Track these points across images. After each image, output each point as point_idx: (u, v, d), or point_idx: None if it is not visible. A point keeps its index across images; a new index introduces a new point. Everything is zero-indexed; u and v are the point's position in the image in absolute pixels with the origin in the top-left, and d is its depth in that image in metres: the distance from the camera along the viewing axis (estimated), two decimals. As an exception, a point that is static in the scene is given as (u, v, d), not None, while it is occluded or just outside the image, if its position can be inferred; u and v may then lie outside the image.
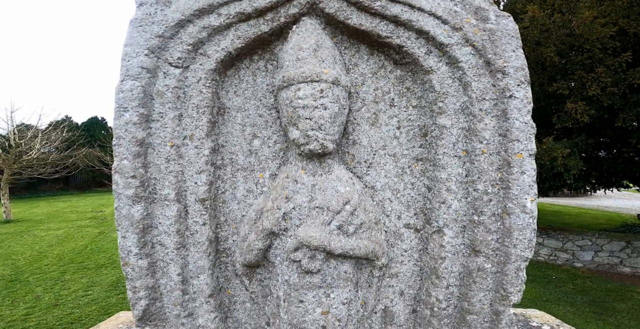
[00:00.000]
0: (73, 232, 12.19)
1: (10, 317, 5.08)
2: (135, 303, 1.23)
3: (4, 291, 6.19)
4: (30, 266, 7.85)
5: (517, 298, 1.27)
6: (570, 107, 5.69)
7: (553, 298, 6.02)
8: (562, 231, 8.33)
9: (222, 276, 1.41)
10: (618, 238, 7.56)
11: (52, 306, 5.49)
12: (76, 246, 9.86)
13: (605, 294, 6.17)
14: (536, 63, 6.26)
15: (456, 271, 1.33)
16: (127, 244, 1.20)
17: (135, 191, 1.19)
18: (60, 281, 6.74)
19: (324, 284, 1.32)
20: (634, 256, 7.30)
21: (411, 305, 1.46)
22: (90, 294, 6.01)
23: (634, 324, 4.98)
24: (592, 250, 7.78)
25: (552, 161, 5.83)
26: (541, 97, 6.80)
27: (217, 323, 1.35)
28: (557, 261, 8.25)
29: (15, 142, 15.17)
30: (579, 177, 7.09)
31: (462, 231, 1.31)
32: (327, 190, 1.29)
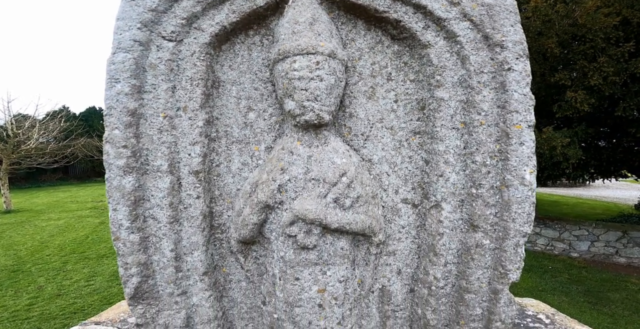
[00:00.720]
0: (74, 222, 12.27)
1: (14, 307, 5.15)
2: (126, 281, 1.21)
3: (7, 281, 6.27)
4: (32, 256, 7.92)
5: (515, 276, 1.26)
6: (571, 96, 5.69)
7: (549, 287, 6.11)
8: (560, 221, 8.40)
9: (217, 253, 1.39)
10: (615, 228, 7.63)
11: (54, 296, 5.56)
12: (77, 236, 9.93)
13: (600, 285, 6.27)
14: (538, 53, 6.20)
15: (454, 248, 1.32)
16: (118, 218, 1.18)
17: (127, 162, 1.17)
18: (62, 271, 6.82)
19: (320, 261, 1.30)
20: (630, 246, 7.39)
21: (409, 284, 1.45)
22: (92, 285, 6.09)
23: (627, 314, 5.08)
24: (589, 240, 7.86)
25: (551, 150, 5.86)
26: (542, 88, 6.78)
27: (212, 301, 1.33)
28: (554, 251, 8.34)
29: (13, 132, 15.12)
30: (577, 166, 7.13)
31: (460, 205, 1.29)
32: (323, 162, 1.28)
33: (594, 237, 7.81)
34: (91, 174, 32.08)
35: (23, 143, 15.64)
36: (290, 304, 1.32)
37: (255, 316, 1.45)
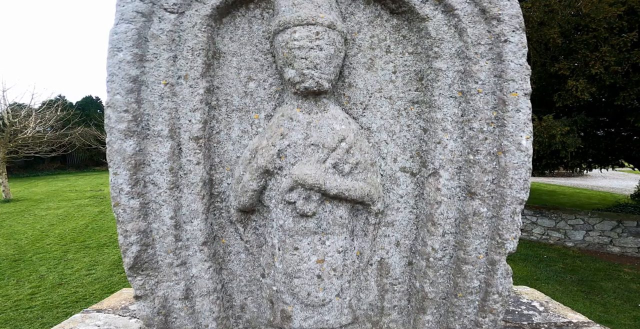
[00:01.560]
0: (73, 211, 12.32)
1: (16, 296, 5.22)
2: (126, 250, 1.20)
3: (9, 271, 6.33)
4: (33, 245, 7.98)
5: (512, 245, 1.28)
6: (572, 85, 5.71)
7: (543, 276, 6.22)
8: (556, 210, 8.48)
9: (217, 223, 1.40)
10: (610, 217, 7.72)
11: (56, 286, 5.63)
12: (77, 225, 9.99)
13: (594, 274, 6.38)
14: (539, 43, 6.15)
15: (452, 217, 1.33)
16: (119, 182, 1.18)
17: (128, 125, 1.18)
18: (64, 261, 6.88)
19: (319, 230, 1.32)
20: (624, 236, 7.49)
21: (407, 257, 1.47)
22: (93, 273, 6.16)
23: (619, 303, 5.19)
24: (584, 229, 7.96)
25: (550, 138, 5.94)
26: (543, 77, 6.78)
27: (211, 273, 1.34)
28: (549, 241, 8.46)
29: (10, 121, 15.01)
30: (576, 155, 7.18)
31: (457, 172, 1.31)
32: (322, 128, 1.30)
33: (589, 226, 7.91)
34: (89, 164, 32.03)
35: (20, 132, 15.56)
36: (289, 275, 1.34)
37: (255, 289, 1.47)
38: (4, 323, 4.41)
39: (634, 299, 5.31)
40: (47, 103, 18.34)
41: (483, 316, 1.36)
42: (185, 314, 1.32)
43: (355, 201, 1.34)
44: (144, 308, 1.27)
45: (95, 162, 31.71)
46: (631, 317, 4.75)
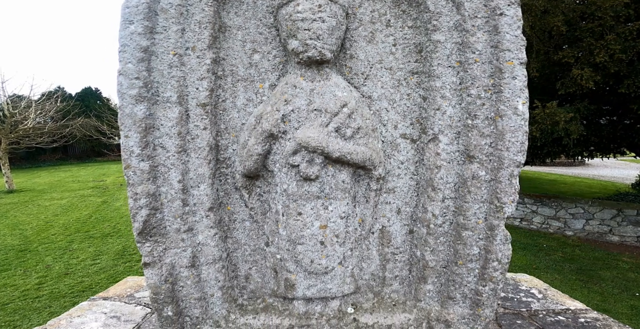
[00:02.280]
0: (76, 201, 12.42)
1: (24, 286, 5.32)
2: (135, 214, 1.26)
3: (15, 261, 6.44)
4: (38, 235, 8.08)
5: (510, 209, 1.32)
6: (576, 73, 5.73)
7: (542, 265, 6.30)
8: (556, 199, 8.52)
9: (222, 189, 1.44)
10: (610, 206, 7.74)
11: (62, 275, 5.73)
12: (81, 216, 10.09)
13: (592, 263, 6.45)
14: (542, 31, 6.09)
15: (451, 182, 1.37)
16: (130, 144, 1.23)
17: (139, 91, 1.24)
18: (69, 251, 6.98)
19: (322, 194, 1.36)
20: (624, 225, 7.53)
21: (408, 225, 1.51)
22: (98, 263, 6.25)
23: (616, 292, 5.25)
24: (584, 218, 8.01)
25: (553, 125, 5.97)
26: (546, 66, 6.77)
27: (217, 241, 1.38)
28: (549, 230, 8.52)
29: (10, 112, 15.02)
30: (578, 142, 7.19)
31: (456, 137, 1.35)
32: (325, 94, 1.34)
33: (589, 215, 7.95)
34: (91, 154, 32.10)
35: (20, 123, 15.59)
36: (293, 241, 1.38)
37: (259, 259, 1.51)
38: (13, 313, 4.51)
39: (632, 288, 5.37)
40: (46, 94, 18.31)
41: (483, 284, 1.40)
42: (191, 282, 1.37)
43: (357, 164, 1.38)
44: (152, 276, 1.32)
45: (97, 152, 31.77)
46: (628, 306, 4.82)
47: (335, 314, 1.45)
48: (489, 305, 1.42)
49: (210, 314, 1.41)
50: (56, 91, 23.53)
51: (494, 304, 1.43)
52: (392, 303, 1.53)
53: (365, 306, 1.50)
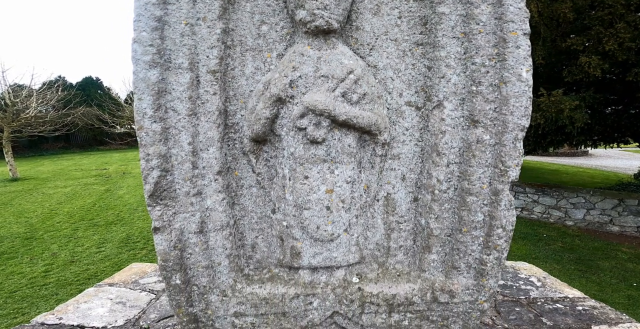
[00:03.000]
0: (80, 189, 12.52)
1: (31, 274, 5.42)
2: (147, 175, 1.31)
3: (22, 248, 6.54)
4: (44, 223, 8.18)
5: (515, 173, 1.33)
6: (584, 61, 5.71)
7: (542, 255, 6.35)
8: (558, 189, 8.53)
9: (230, 154, 1.48)
10: (611, 196, 7.75)
11: (68, 263, 5.83)
12: (85, 204, 10.19)
13: (592, 253, 6.49)
14: (550, 19, 6.00)
15: (456, 147, 1.39)
16: (143, 106, 1.29)
17: (152, 57, 1.29)
18: (74, 238, 7.08)
19: (328, 157, 1.39)
20: (625, 215, 7.56)
21: (412, 192, 1.53)
22: (103, 251, 6.35)
23: (614, 282, 5.31)
24: (585, 208, 8.03)
25: (558, 113, 5.97)
26: (552, 53, 6.72)
27: (225, 206, 1.42)
28: (550, 219, 8.56)
29: (11, 101, 15.02)
30: (582, 131, 7.17)
31: (461, 103, 1.37)
32: (331, 62, 1.38)
33: (590, 205, 7.97)
34: (93, 143, 32.18)
35: (22, 112, 15.60)
36: (299, 206, 1.41)
37: (265, 227, 1.54)
38: (21, 300, 4.60)
39: (630, 278, 5.42)
40: (47, 84, 18.29)
41: (487, 253, 1.42)
42: (199, 249, 1.41)
43: (362, 129, 1.40)
44: (161, 242, 1.36)
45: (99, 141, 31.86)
46: (625, 296, 4.87)
47: (340, 283, 1.49)
48: (493, 275, 1.45)
49: (217, 283, 1.45)
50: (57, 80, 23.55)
51: (498, 275, 1.45)
52: (397, 273, 1.56)
53: (370, 277, 1.53)
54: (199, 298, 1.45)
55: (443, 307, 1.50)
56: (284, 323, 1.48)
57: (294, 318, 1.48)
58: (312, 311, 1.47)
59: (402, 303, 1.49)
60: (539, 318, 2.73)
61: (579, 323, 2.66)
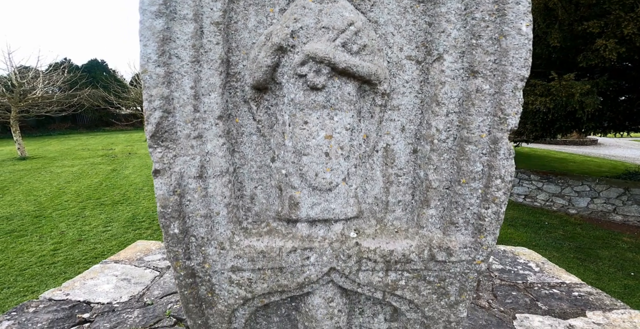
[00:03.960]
0: (87, 169, 12.69)
1: (40, 252, 5.57)
2: (149, 115, 1.34)
3: (31, 227, 6.71)
4: (52, 202, 8.36)
5: (514, 121, 1.34)
6: (600, 44, 5.60)
7: (542, 243, 6.38)
8: (563, 176, 8.47)
9: (231, 102, 1.50)
10: (617, 185, 7.69)
11: (76, 242, 5.98)
12: (92, 183, 10.36)
13: (592, 242, 6.50)
14: (568, 2, 5.81)
15: (455, 97, 1.39)
16: (148, 52, 1.33)
17: (159, 8, 1.33)
18: (81, 217, 7.24)
19: (327, 104, 1.41)
20: (629, 204, 7.52)
21: (412, 144, 1.53)
22: (109, 230, 6.50)
23: (612, 271, 5.33)
24: (589, 196, 7.99)
25: (569, 97, 5.87)
26: (568, 37, 6.57)
27: (225, 151, 1.43)
28: (553, 207, 8.55)
29: (18, 82, 15.08)
30: (592, 117, 7.06)
31: (461, 56, 1.38)
32: (332, 14, 1.40)
33: (594, 193, 7.93)
34: (99, 124, 32.36)
35: (29, 92, 15.70)
36: (298, 152, 1.42)
37: (264, 177, 1.56)
38: (31, 278, 4.75)
39: (628, 267, 5.44)
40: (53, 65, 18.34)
41: (486, 206, 1.42)
42: (198, 196, 1.42)
43: (362, 78, 1.42)
44: (161, 186, 1.38)
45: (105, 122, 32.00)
46: (622, 285, 4.90)
47: (338, 237, 1.50)
48: (492, 232, 1.45)
49: (215, 235, 1.47)
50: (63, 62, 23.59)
51: (497, 231, 1.45)
52: (395, 230, 1.57)
53: (368, 232, 1.54)
54: (197, 250, 1.46)
55: (440, 266, 1.50)
56: (280, 279, 1.49)
57: (290, 274, 1.49)
58: (309, 267, 1.48)
59: (399, 260, 1.49)
60: (535, 303, 2.78)
61: (573, 308, 2.70)
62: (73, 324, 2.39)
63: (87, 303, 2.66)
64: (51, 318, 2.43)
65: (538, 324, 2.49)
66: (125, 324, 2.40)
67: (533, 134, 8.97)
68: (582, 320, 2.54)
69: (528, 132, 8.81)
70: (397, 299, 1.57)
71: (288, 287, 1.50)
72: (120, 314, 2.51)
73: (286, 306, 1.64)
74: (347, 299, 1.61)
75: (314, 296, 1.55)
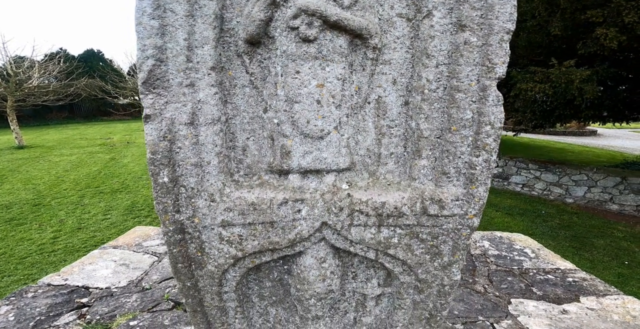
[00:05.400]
0: (85, 157, 12.67)
1: (40, 240, 5.59)
2: (142, 63, 1.36)
3: (30, 215, 6.72)
4: (51, 190, 8.36)
5: (502, 70, 1.41)
6: (600, 33, 5.59)
7: (538, 231, 6.43)
8: (561, 165, 8.50)
9: (225, 55, 1.51)
10: (615, 174, 7.71)
11: (76, 230, 6.01)
12: (90, 171, 10.35)
13: (588, 230, 6.55)
14: (572, -10, 5.75)
15: (445, 50, 1.44)
16: (143, 5, 1.35)
17: None
18: (80, 205, 7.26)
19: (319, 55, 1.44)
20: (626, 193, 7.55)
21: (403, 96, 1.55)
22: (109, 218, 6.52)
23: (606, 260, 5.38)
24: (586, 185, 8.02)
25: (568, 83, 5.86)
26: (569, 26, 6.53)
27: (217, 100, 1.44)
28: (550, 196, 8.59)
29: (13, 71, 14.96)
30: (591, 105, 7.05)
31: (449, 12, 1.43)
32: None
33: (592, 182, 7.96)
34: (97, 113, 32.17)
35: (25, 82, 15.59)
36: (290, 100, 1.45)
37: (257, 128, 1.56)
38: (31, 266, 4.77)
39: (622, 256, 5.49)
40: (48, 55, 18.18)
41: (477, 154, 1.46)
42: (189, 143, 1.43)
43: (354, 31, 1.45)
44: (151, 132, 1.39)
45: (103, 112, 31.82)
46: (616, 274, 4.95)
47: (330, 189, 1.51)
48: (483, 181, 1.48)
49: (205, 186, 1.47)
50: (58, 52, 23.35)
51: (487, 182, 1.48)
52: (387, 183, 1.59)
53: (360, 185, 1.56)
54: (187, 202, 1.46)
55: (433, 221, 1.52)
56: (271, 236, 1.50)
57: (282, 230, 1.50)
58: (301, 221, 1.49)
59: (392, 214, 1.51)
60: (530, 288, 2.81)
61: (567, 294, 2.73)
62: (72, 309, 2.42)
63: (85, 288, 2.68)
64: (50, 303, 2.46)
65: (533, 309, 2.53)
66: (123, 308, 2.43)
67: (532, 123, 8.95)
68: (576, 305, 2.57)
69: (527, 121, 8.78)
70: (390, 260, 1.58)
71: (279, 244, 1.51)
72: (118, 299, 2.54)
73: (278, 269, 1.65)
74: (340, 261, 1.63)
75: (306, 256, 1.57)
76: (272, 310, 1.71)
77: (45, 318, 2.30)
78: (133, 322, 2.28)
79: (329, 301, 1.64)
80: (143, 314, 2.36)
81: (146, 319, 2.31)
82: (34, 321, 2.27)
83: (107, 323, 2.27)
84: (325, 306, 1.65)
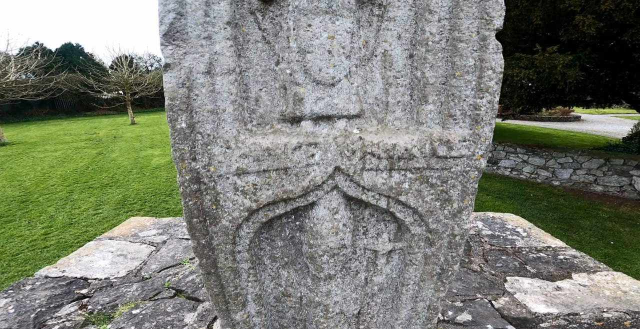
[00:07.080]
0: (71, 153, 12.37)
1: (30, 237, 5.48)
2: (163, 17, 1.46)
3: (19, 212, 6.57)
4: (38, 186, 8.17)
5: (499, 22, 1.51)
6: (579, 20, 5.78)
7: (527, 214, 6.60)
8: (547, 149, 8.71)
9: (238, 13, 1.59)
10: (598, 156, 7.94)
11: (67, 225, 5.90)
12: (77, 167, 10.12)
13: (574, 212, 6.76)
14: (551, -21, 5.81)
15: (446, 6, 1.54)
16: None
17: None
18: (70, 201, 7.12)
19: (329, 9, 1.53)
20: (609, 174, 7.79)
21: (408, 49, 1.64)
22: (100, 213, 6.42)
23: (593, 241, 5.57)
24: (572, 168, 8.24)
25: (551, 69, 6.00)
26: (551, 15, 6.72)
27: (232, 52, 1.54)
28: (537, 179, 8.80)
29: (-12, 65, 14.40)
30: (575, 89, 7.24)
31: None
32: None
33: (577, 164, 8.18)
34: (80, 109, 31.35)
35: (1, 77, 15.03)
36: (303, 50, 1.52)
37: (269, 80, 1.62)
38: (24, 263, 4.68)
39: (608, 237, 5.69)
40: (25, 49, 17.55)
41: (480, 96, 1.54)
42: (206, 91, 1.51)
43: None
44: (170, 80, 1.47)
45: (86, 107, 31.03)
46: (602, 254, 5.13)
47: (342, 133, 1.59)
48: (487, 122, 1.56)
49: (220, 133, 1.54)
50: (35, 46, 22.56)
51: (492, 122, 1.57)
52: (396, 128, 1.66)
53: (370, 130, 1.64)
54: (203, 149, 1.52)
55: (442, 164, 1.59)
56: (285, 184, 1.56)
57: (295, 176, 1.56)
58: (314, 167, 1.55)
59: (402, 157, 1.58)
60: (524, 266, 2.90)
61: (560, 271, 2.83)
62: (72, 300, 2.40)
63: (84, 279, 2.66)
64: (49, 295, 2.43)
65: (528, 286, 2.61)
66: (124, 297, 2.42)
67: (520, 108, 9.11)
68: (568, 282, 2.67)
69: (515, 105, 8.94)
70: (402, 209, 1.64)
71: (293, 193, 1.56)
72: (118, 289, 2.53)
73: (290, 226, 1.71)
74: (351, 213, 1.69)
75: (319, 207, 1.62)
76: (283, 273, 1.76)
77: (46, 310, 2.28)
78: (136, 310, 2.27)
79: (341, 257, 1.69)
80: (145, 303, 2.35)
81: (148, 307, 2.31)
82: (35, 312, 2.25)
83: (109, 313, 2.26)
84: (337, 264, 1.70)
